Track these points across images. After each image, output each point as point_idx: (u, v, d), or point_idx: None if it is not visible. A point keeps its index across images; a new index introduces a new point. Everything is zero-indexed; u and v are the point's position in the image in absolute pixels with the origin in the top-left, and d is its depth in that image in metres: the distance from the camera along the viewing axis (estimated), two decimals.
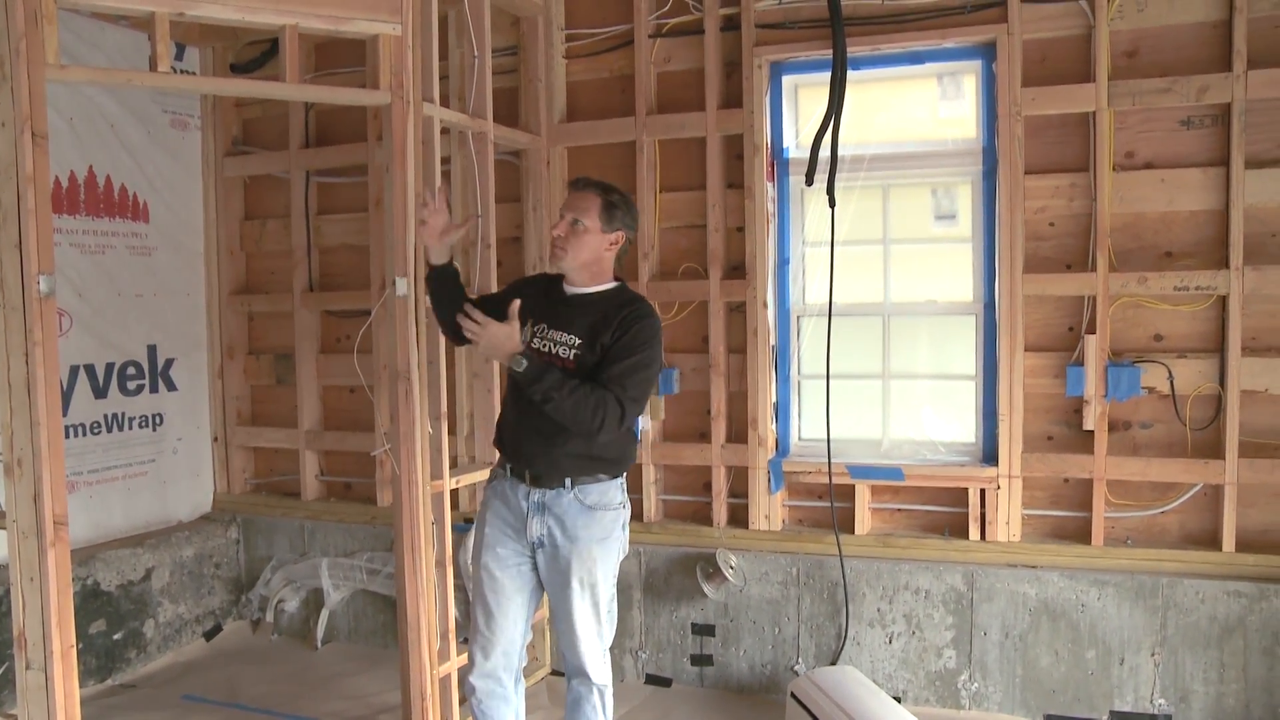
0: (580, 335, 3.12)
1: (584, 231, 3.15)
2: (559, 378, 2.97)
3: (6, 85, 2.87)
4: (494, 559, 3.26)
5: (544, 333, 3.18)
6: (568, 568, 3.15)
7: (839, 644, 4.30)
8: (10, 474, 3.00)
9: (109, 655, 4.68)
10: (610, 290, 3.23)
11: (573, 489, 3.15)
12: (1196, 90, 3.87)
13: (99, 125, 4.83)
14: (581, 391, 2.96)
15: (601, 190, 3.19)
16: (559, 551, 3.16)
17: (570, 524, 3.14)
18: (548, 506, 3.16)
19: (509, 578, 3.25)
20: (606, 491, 3.18)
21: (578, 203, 3.18)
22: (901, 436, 4.49)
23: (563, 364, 3.09)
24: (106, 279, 4.87)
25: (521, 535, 3.21)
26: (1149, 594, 3.96)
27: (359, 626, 5.12)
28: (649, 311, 3.16)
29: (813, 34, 4.31)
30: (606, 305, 3.16)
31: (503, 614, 3.27)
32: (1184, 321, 4.03)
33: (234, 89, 4.98)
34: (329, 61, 5.09)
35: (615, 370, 3.03)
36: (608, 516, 3.18)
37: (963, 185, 4.36)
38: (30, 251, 2.91)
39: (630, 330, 3.07)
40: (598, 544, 3.16)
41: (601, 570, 3.18)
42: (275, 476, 5.51)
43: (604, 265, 3.22)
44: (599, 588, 3.18)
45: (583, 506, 3.15)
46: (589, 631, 3.21)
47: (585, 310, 3.16)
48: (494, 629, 3.28)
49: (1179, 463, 4.02)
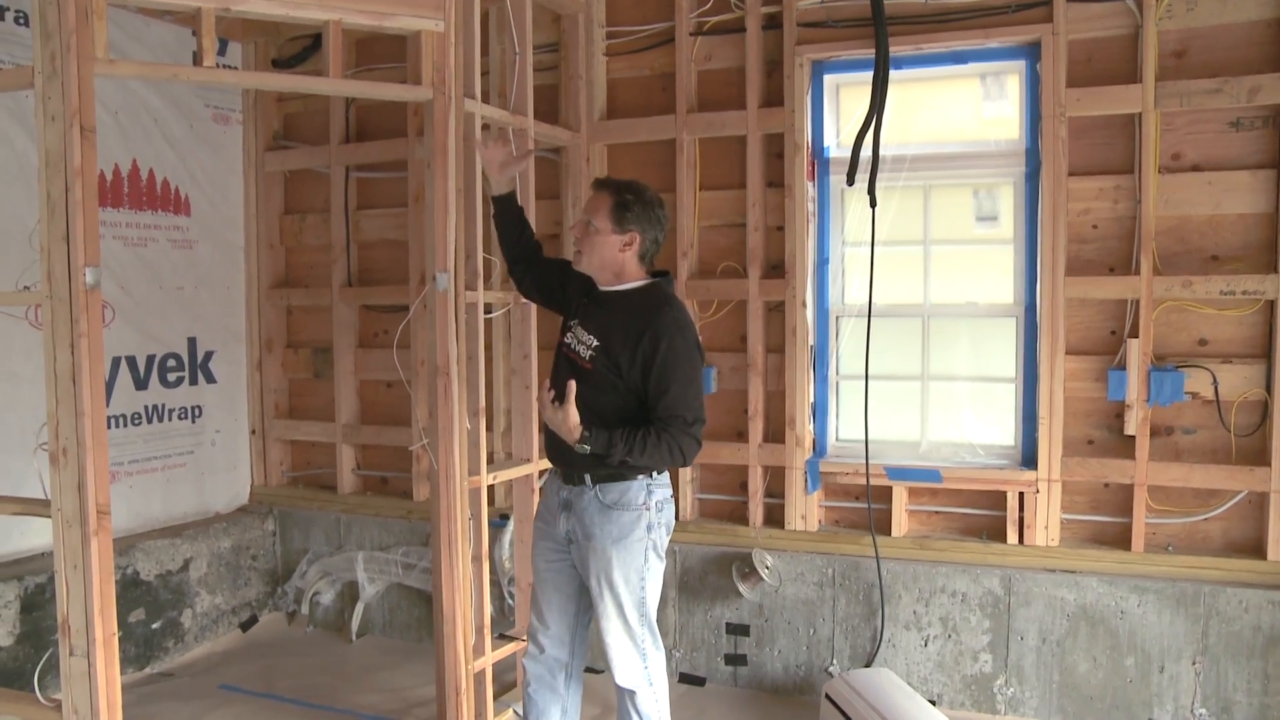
0: (597, 337, 3.11)
1: (595, 233, 3.12)
2: (623, 444, 2.97)
3: (57, 79, 2.90)
4: (540, 554, 3.32)
5: (575, 329, 3.19)
6: (586, 566, 3.16)
7: (874, 646, 4.27)
8: (55, 463, 3.02)
9: (147, 644, 4.73)
10: (635, 290, 3.18)
11: (594, 487, 3.13)
12: (1248, 91, 3.81)
13: (143, 119, 4.87)
14: (650, 441, 2.98)
15: (614, 190, 3.14)
16: (581, 550, 3.17)
17: (588, 522, 3.13)
18: (572, 504, 3.18)
19: (551, 573, 3.29)
20: (627, 491, 3.13)
21: (591, 203, 3.17)
22: (940, 438, 4.46)
23: (581, 363, 3.11)
24: (148, 272, 4.92)
25: (557, 531, 3.24)
26: (1190, 602, 3.90)
27: (394, 620, 5.14)
28: (671, 324, 3.05)
29: (855, 33, 4.29)
30: (628, 309, 3.11)
31: (549, 608, 3.31)
32: (1230, 326, 3.98)
33: (278, 84, 5.00)
34: (369, 58, 5.11)
35: (665, 405, 3.01)
36: (626, 517, 3.12)
37: (1005, 186, 4.32)
38: (77, 243, 2.93)
39: (659, 354, 3.01)
40: (614, 544, 3.11)
41: (620, 572, 3.12)
42: (312, 470, 5.55)
43: (625, 265, 3.16)
44: (619, 589, 3.12)
45: (601, 505, 3.13)
46: (614, 632, 3.16)
47: (609, 311, 3.15)
48: (544, 621, 3.32)
49: (1223, 469, 3.97)
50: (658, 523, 3.17)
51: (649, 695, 3.21)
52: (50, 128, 2.93)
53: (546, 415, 3.00)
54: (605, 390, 3.06)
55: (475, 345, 3.88)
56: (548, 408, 2.97)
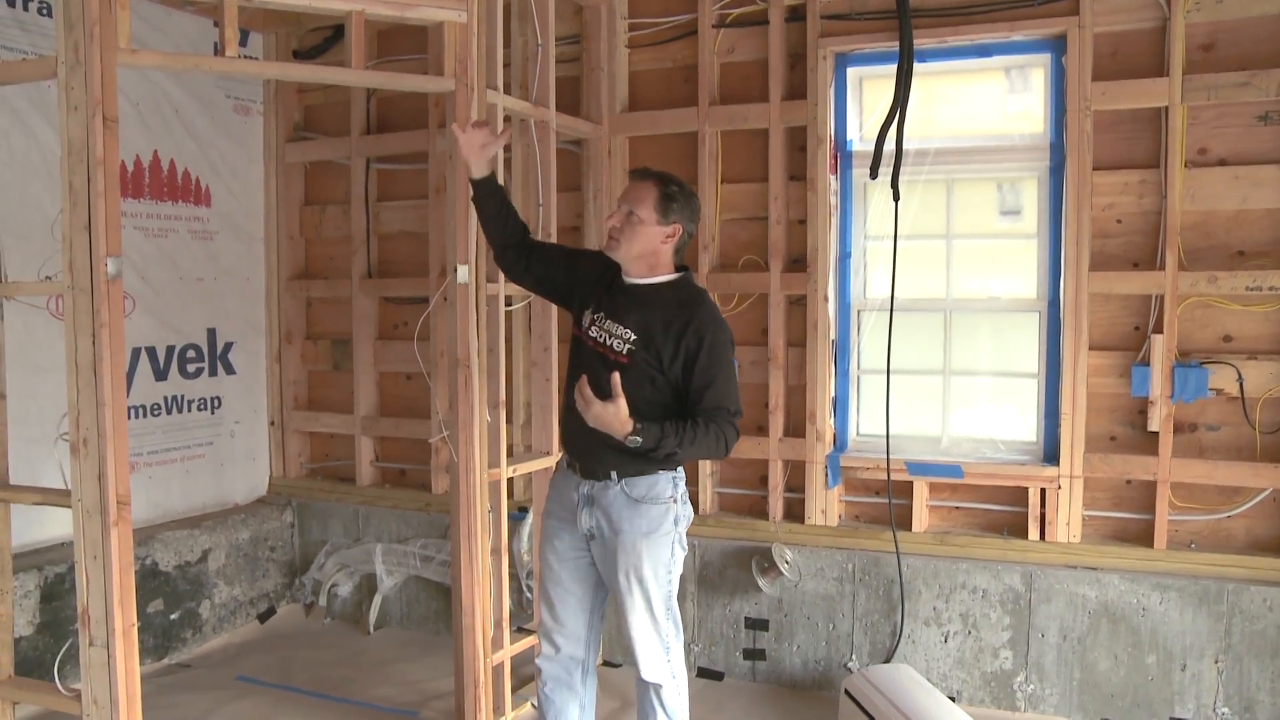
0: (634, 330, 3.06)
1: (639, 223, 3.07)
2: (674, 435, 2.92)
3: (80, 69, 2.90)
4: (553, 551, 3.25)
5: (601, 321, 3.12)
6: (614, 561, 3.12)
7: (894, 642, 4.26)
8: (76, 453, 3.03)
9: (166, 634, 4.74)
10: (668, 283, 3.15)
11: (619, 481, 3.10)
12: (1277, 84, 3.77)
13: (164, 110, 4.88)
14: (700, 432, 2.95)
15: (660, 181, 3.11)
16: (607, 545, 3.13)
17: (616, 517, 3.10)
18: (595, 499, 3.13)
19: (567, 570, 3.24)
20: (655, 485, 3.11)
21: (634, 193, 3.11)
22: (961, 434, 4.44)
23: (616, 356, 3.04)
24: (168, 262, 4.93)
25: (575, 527, 3.19)
26: (1213, 599, 3.87)
27: (411, 613, 5.15)
28: (712, 318, 3.08)
29: (878, 26, 4.26)
30: (664, 302, 3.09)
31: (564, 606, 3.26)
32: (1255, 322, 3.94)
33: (300, 74, 5.01)
34: (391, 49, 5.10)
35: (710, 397, 3.01)
36: (655, 510, 3.10)
37: (1028, 181, 4.29)
38: (99, 233, 2.94)
39: (704, 347, 3.01)
40: (644, 538, 3.09)
41: (650, 566, 3.10)
42: (330, 461, 5.56)
43: (661, 257, 3.14)
44: (648, 583, 3.11)
45: (629, 499, 3.09)
46: (641, 627, 3.14)
47: (642, 304, 3.10)
48: (557, 619, 3.27)
49: (1247, 466, 3.94)
50: (683, 515, 3.18)
51: (673, 689, 3.21)
52: (73, 117, 2.94)
53: (594, 411, 2.84)
54: (643, 384, 3.00)
55: (496, 338, 3.87)
56: (594, 404, 2.85)
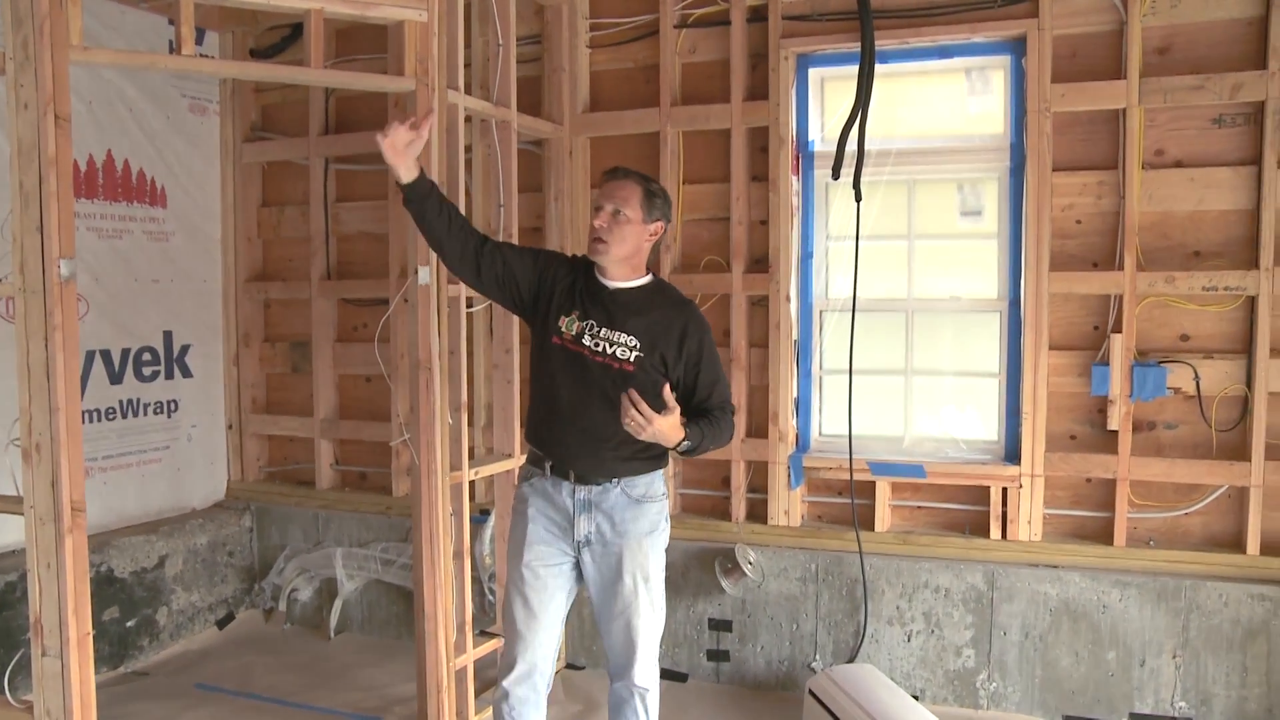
0: (638, 337, 3.03)
1: (626, 222, 3.03)
2: (709, 433, 2.99)
3: (30, 66, 2.84)
4: (538, 558, 3.14)
5: (595, 330, 3.04)
6: (619, 564, 3.07)
7: (857, 641, 4.27)
8: (28, 459, 2.98)
9: (122, 642, 4.66)
10: (651, 285, 3.14)
11: (619, 483, 3.08)
12: (1230, 88, 3.82)
13: (118, 109, 4.80)
14: (717, 429, 3.02)
15: (642, 179, 3.11)
16: (609, 548, 3.09)
17: (619, 518, 3.07)
18: (595, 503, 3.08)
19: (552, 576, 3.14)
20: (652, 483, 3.12)
21: (618, 192, 3.06)
22: (923, 433, 4.46)
23: (620, 365, 3.01)
24: (123, 264, 4.85)
25: (567, 534, 3.11)
26: (1171, 596, 3.92)
27: (373, 617, 5.10)
28: (701, 317, 3.15)
29: (840, 26, 4.27)
30: (657, 306, 3.09)
31: (545, 613, 3.15)
32: (1211, 322, 3.99)
33: (258, 74, 4.94)
34: (350, 48, 5.04)
35: (718, 393, 3.10)
36: (654, 508, 3.12)
37: (989, 181, 4.31)
38: (51, 235, 2.89)
39: (704, 348, 3.09)
40: (648, 536, 3.10)
41: (654, 563, 3.12)
42: (290, 465, 5.49)
43: (642, 257, 3.13)
44: (653, 582, 3.12)
45: (630, 500, 3.08)
46: (647, 630, 3.11)
47: (637, 309, 3.07)
48: (534, 629, 3.15)
49: (1204, 464, 3.99)
50: (667, 512, 3.22)
51: (656, 692, 3.20)
52: (23, 116, 2.88)
53: (655, 427, 2.77)
54: (647, 389, 2.89)
55: (457, 340, 3.85)
56: (655, 420, 2.76)
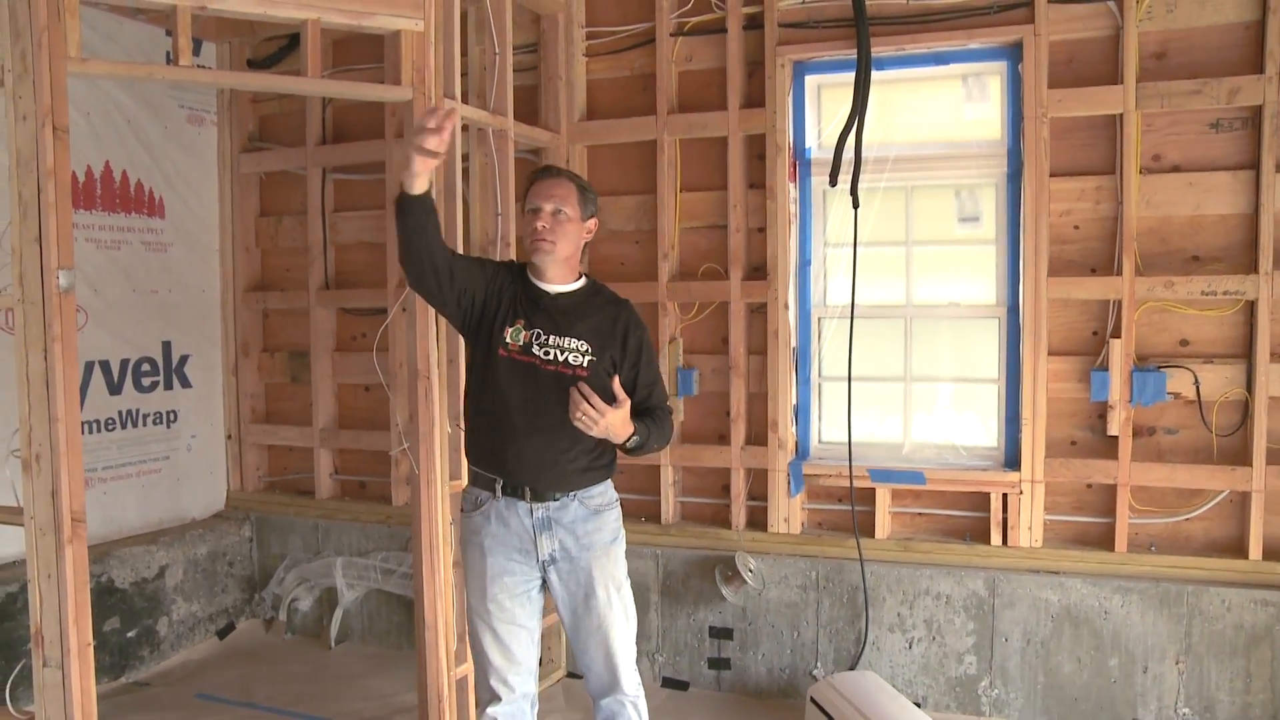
0: (588, 341, 3.00)
1: (567, 221, 2.98)
2: (655, 430, 3.01)
3: (28, 78, 2.85)
4: (503, 589, 3.02)
5: (542, 338, 2.98)
6: (589, 578, 3.02)
7: (859, 649, 4.26)
8: (28, 470, 2.97)
9: (123, 653, 4.65)
10: (587, 287, 3.12)
11: (575, 496, 3.02)
12: (1227, 92, 3.83)
13: (116, 120, 4.81)
14: (660, 428, 3.05)
15: (573, 177, 3.09)
16: (576, 563, 3.02)
17: (581, 531, 3.02)
18: (554, 519, 2.99)
19: (520, 605, 3.05)
20: (606, 491, 3.10)
21: (557, 190, 2.99)
22: (923, 440, 4.45)
23: (574, 371, 2.96)
24: (122, 275, 4.86)
25: (530, 556, 3.02)
26: (1173, 601, 3.91)
27: (373, 626, 5.09)
28: (638, 316, 3.15)
29: (836, 34, 4.28)
30: (598, 307, 3.07)
31: (519, 645, 3.06)
32: (1211, 326, 3.99)
33: (256, 84, 4.95)
34: (347, 58, 5.06)
35: (658, 392, 3.13)
36: (612, 515, 3.09)
37: (987, 187, 4.31)
38: (50, 246, 2.89)
39: (643, 344, 3.09)
40: (612, 544, 3.08)
41: (621, 569, 3.10)
42: (289, 475, 5.49)
43: (578, 258, 3.12)
44: (624, 589, 3.09)
45: (589, 511, 3.03)
46: (623, 639, 3.08)
47: (580, 314, 3.03)
48: (513, 661, 3.06)
49: (1205, 469, 3.98)
50: None
51: (643, 692, 3.17)
52: (21, 128, 2.88)
53: (606, 420, 2.77)
54: (601, 392, 2.85)
55: (455, 348, 3.84)
56: (608, 413, 2.77)
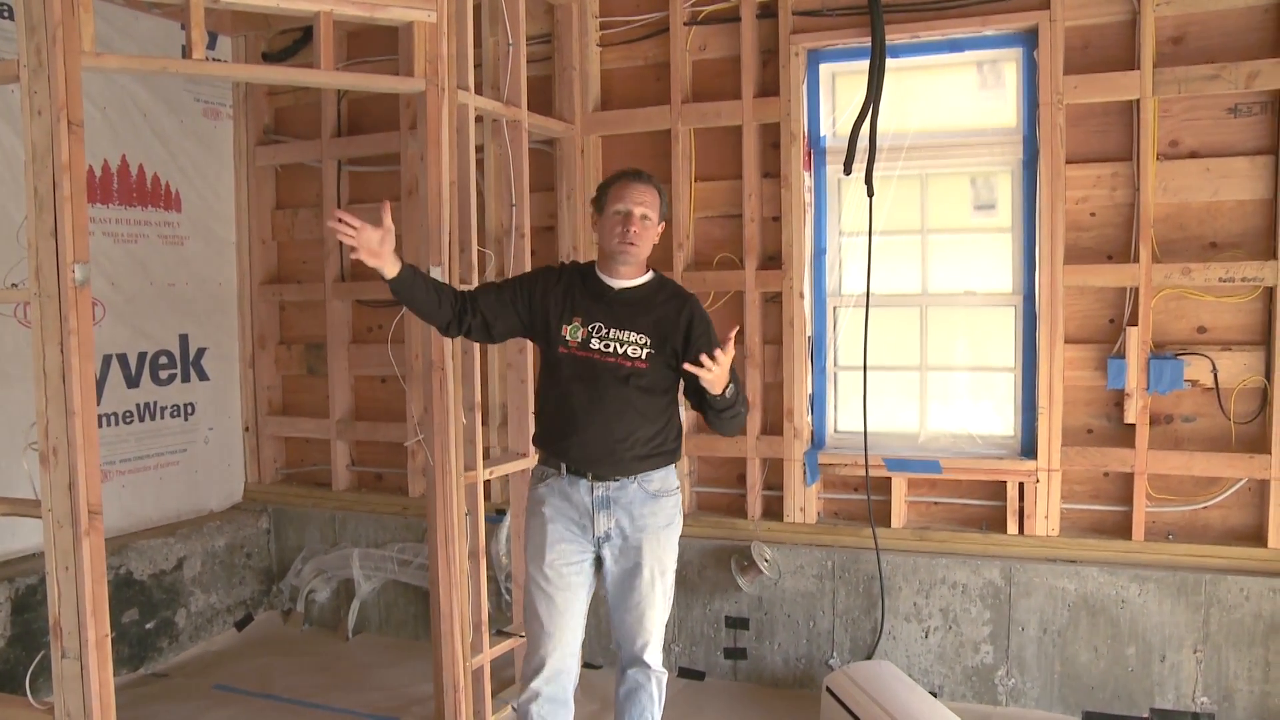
0: (648, 334, 3.10)
1: (650, 226, 3.14)
2: (739, 392, 3.03)
3: (43, 73, 2.86)
4: (560, 556, 3.15)
5: (602, 332, 3.10)
6: (639, 557, 3.14)
7: (874, 638, 4.25)
8: (45, 463, 2.99)
9: (141, 644, 4.69)
10: (653, 282, 3.22)
11: (636, 478, 3.13)
12: (1246, 76, 3.78)
13: (132, 114, 4.83)
14: (741, 395, 3.07)
15: (653, 180, 3.19)
16: (628, 542, 3.14)
17: (638, 513, 3.12)
18: (613, 499, 3.12)
19: (574, 574, 3.17)
20: (667, 477, 3.19)
21: (644, 195, 3.12)
22: (939, 429, 4.43)
23: (632, 363, 3.08)
24: (139, 268, 4.88)
25: (587, 532, 3.15)
26: (1191, 590, 3.89)
27: (390, 617, 5.11)
28: (700, 305, 3.23)
29: (850, 21, 4.26)
30: (659, 300, 3.17)
31: (570, 611, 3.18)
32: (1229, 313, 3.96)
33: (270, 76, 4.96)
34: (361, 50, 5.06)
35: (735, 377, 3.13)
36: (670, 502, 3.18)
37: (1002, 175, 4.29)
38: (65, 240, 2.91)
39: (709, 334, 3.15)
40: (665, 530, 3.16)
41: (671, 556, 3.21)
42: (306, 466, 5.51)
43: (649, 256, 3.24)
44: (669, 574, 3.21)
45: (647, 494, 3.13)
46: (657, 620, 3.21)
47: (642, 307, 3.14)
48: (561, 627, 3.17)
49: (1223, 457, 3.95)
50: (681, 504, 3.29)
51: (665, 677, 3.30)
52: (36, 122, 2.90)
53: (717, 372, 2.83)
54: (660, 383, 3.11)
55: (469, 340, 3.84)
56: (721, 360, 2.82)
